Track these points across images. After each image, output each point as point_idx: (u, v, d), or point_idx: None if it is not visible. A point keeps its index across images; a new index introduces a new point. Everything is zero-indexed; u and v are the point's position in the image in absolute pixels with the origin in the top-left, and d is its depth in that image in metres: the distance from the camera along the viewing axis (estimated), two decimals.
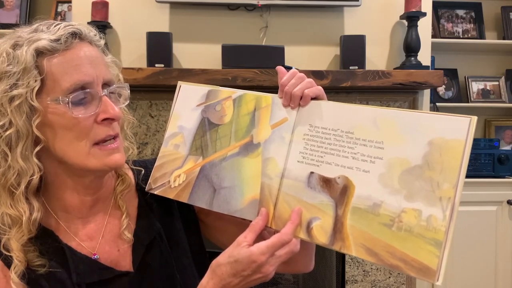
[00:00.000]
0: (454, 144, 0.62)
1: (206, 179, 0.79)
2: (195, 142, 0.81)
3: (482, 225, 2.27)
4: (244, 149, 0.78)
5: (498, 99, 2.70)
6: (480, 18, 2.72)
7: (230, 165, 0.78)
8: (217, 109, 0.81)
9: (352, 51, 2.06)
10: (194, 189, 0.79)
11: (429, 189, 0.62)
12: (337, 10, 2.18)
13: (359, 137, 0.69)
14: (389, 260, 0.63)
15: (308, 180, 0.71)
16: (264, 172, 0.75)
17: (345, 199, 0.68)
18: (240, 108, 0.80)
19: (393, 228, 0.63)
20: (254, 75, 1.94)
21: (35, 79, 0.66)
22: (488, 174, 2.33)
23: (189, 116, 0.83)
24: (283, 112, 0.77)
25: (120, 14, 2.10)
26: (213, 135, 0.80)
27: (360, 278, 2.18)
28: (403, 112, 0.67)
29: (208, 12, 2.14)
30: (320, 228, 0.69)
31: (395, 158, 0.65)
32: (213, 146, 0.80)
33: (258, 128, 0.77)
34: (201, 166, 0.80)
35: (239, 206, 0.76)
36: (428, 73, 2.02)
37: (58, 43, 0.68)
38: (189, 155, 0.81)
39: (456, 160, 0.62)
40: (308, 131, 0.73)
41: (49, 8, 2.52)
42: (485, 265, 2.27)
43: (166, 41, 2.01)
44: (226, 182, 0.77)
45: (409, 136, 0.65)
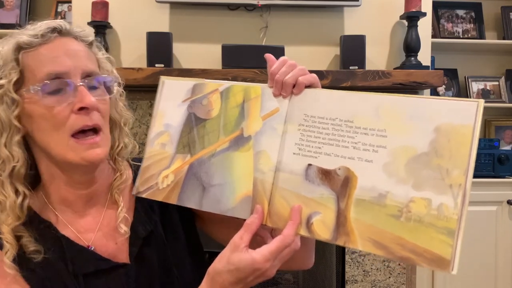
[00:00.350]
0: (462, 129, 0.60)
1: (195, 178, 0.75)
2: (182, 139, 0.77)
3: (482, 225, 2.27)
4: (234, 143, 0.74)
5: (498, 99, 2.70)
6: (480, 18, 2.72)
7: (219, 161, 0.74)
8: (203, 103, 0.77)
9: (352, 51, 2.06)
10: (183, 189, 0.75)
11: (438, 177, 0.60)
12: (337, 10, 2.18)
13: (360, 126, 0.66)
14: (399, 252, 0.60)
15: (305, 173, 0.68)
16: (256, 166, 0.71)
17: (347, 191, 0.65)
18: (228, 101, 0.76)
19: (402, 219, 0.61)
20: (254, 75, 1.94)
21: (14, 71, 0.70)
22: (488, 174, 2.33)
23: (174, 113, 0.79)
24: (274, 102, 0.73)
25: (120, 14, 2.10)
26: (201, 130, 0.76)
27: (360, 278, 2.18)
28: (406, 98, 0.65)
29: (208, 12, 2.14)
30: (321, 223, 0.66)
31: (399, 146, 0.63)
32: (201, 142, 0.76)
33: (248, 120, 0.74)
34: (189, 164, 0.76)
35: (230, 205, 0.72)
36: (428, 73, 2.02)
37: (36, 37, 0.72)
38: (177, 153, 0.77)
39: (466, 146, 0.59)
40: (304, 121, 0.70)
41: (49, 8, 2.52)
42: (485, 265, 2.27)
43: (166, 41, 2.01)
44: (216, 180, 0.73)
45: (413, 123, 0.63)
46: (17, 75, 0.71)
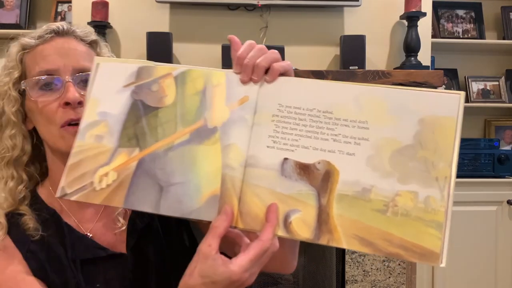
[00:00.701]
0: (446, 122, 0.59)
1: (148, 176, 0.64)
2: (126, 130, 0.67)
3: (482, 225, 2.27)
4: (196, 136, 0.65)
5: (498, 99, 2.70)
6: (480, 18, 2.72)
7: (179, 155, 0.65)
8: (153, 89, 0.68)
9: (352, 51, 2.06)
10: (131, 189, 0.64)
11: (424, 170, 0.59)
12: (337, 10, 2.18)
13: (339, 117, 0.62)
14: (387, 248, 0.58)
15: (281, 167, 0.62)
16: (225, 161, 0.63)
17: (329, 186, 0.61)
18: (185, 87, 0.67)
19: (388, 213, 0.58)
20: None
21: (15, 70, 0.78)
22: (488, 174, 2.33)
23: (113, 100, 0.68)
24: (242, 89, 0.66)
25: (120, 14, 2.10)
26: (152, 120, 0.67)
27: (360, 278, 2.18)
28: (388, 89, 0.62)
29: (208, 12, 2.14)
30: (301, 222, 0.60)
31: (383, 138, 0.60)
32: (153, 134, 0.66)
33: (212, 110, 0.66)
34: (139, 160, 0.65)
35: (195, 205, 0.63)
36: (428, 73, 2.03)
37: (35, 39, 0.78)
38: (119, 147, 0.66)
39: (450, 138, 0.59)
40: (278, 111, 0.64)
41: (49, 8, 2.52)
42: (485, 265, 2.27)
43: (166, 41, 2.01)
44: (177, 177, 0.64)
45: (396, 114, 0.61)
46: (18, 74, 0.77)
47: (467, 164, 2.33)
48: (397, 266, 2.19)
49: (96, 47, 0.83)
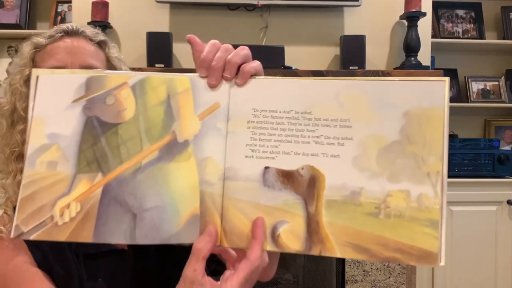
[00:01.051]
0: (433, 113, 0.55)
1: (117, 203, 0.57)
2: (83, 153, 0.59)
3: (482, 225, 2.27)
4: (166, 152, 0.58)
5: (498, 99, 2.70)
6: (480, 18, 2.72)
7: (150, 176, 0.58)
8: (108, 102, 0.60)
9: (352, 51, 2.06)
10: (100, 220, 0.57)
11: (414, 166, 0.55)
12: (337, 10, 2.18)
13: (319, 117, 0.58)
14: (383, 253, 0.55)
15: (263, 177, 0.58)
16: (201, 177, 0.58)
17: (315, 192, 0.57)
18: (146, 97, 0.60)
19: (381, 216, 0.55)
20: None
21: (26, 68, 0.81)
22: (488, 174, 2.33)
23: (62, 119, 0.59)
24: (211, 95, 0.59)
25: (120, 14, 2.10)
26: (113, 139, 0.59)
27: (360, 278, 2.18)
28: (368, 82, 0.58)
29: (208, 12, 2.14)
30: (289, 234, 0.57)
31: (368, 136, 0.56)
32: (116, 155, 0.58)
33: (181, 121, 0.59)
34: (103, 186, 0.58)
35: (174, 229, 0.58)
36: (428, 73, 2.03)
37: (45, 38, 0.82)
38: (78, 173, 0.58)
39: (439, 130, 0.55)
40: (253, 117, 0.59)
41: (49, 8, 2.51)
42: (485, 265, 2.27)
43: (166, 41, 2.01)
44: (150, 201, 0.58)
45: (379, 109, 0.57)
46: (29, 71, 0.80)
47: (467, 164, 2.33)
48: (397, 266, 2.19)
49: (105, 47, 0.86)
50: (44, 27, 2.51)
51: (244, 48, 0.62)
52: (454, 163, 2.31)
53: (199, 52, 0.61)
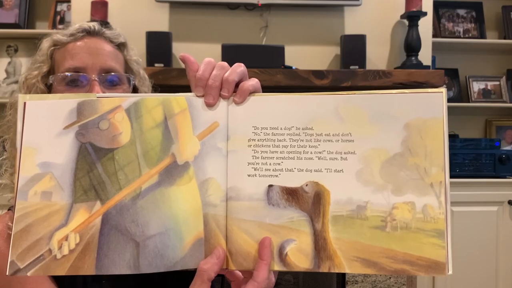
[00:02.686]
0: (432, 124, 0.56)
1: (118, 232, 0.56)
2: (79, 181, 0.57)
3: (483, 225, 2.26)
4: (166, 176, 0.57)
5: (499, 99, 2.69)
6: (481, 18, 2.71)
7: (151, 202, 0.57)
8: (102, 127, 0.58)
9: (352, 50, 2.05)
10: (101, 251, 0.55)
11: (417, 177, 0.56)
12: (337, 10, 2.18)
13: (321, 133, 0.57)
14: (391, 266, 0.55)
15: (267, 196, 0.57)
16: (204, 200, 0.57)
17: (321, 208, 0.57)
18: (141, 120, 0.58)
19: (387, 229, 0.56)
20: (254, 75, 1.93)
21: (45, 65, 0.81)
22: (489, 174, 2.33)
23: (54, 146, 0.57)
24: (209, 115, 0.58)
25: (120, 14, 2.10)
26: (109, 165, 0.57)
27: (361, 278, 2.17)
28: (367, 96, 0.58)
29: (208, 12, 2.13)
30: (297, 252, 0.56)
31: (370, 150, 0.57)
32: (114, 182, 0.57)
33: (179, 142, 0.58)
34: (103, 215, 0.56)
35: (179, 255, 0.57)
36: (429, 73, 2.02)
37: (66, 36, 0.81)
38: (75, 203, 0.56)
39: (439, 141, 0.56)
40: (254, 135, 0.58)
41: (48, 8, 2.51)
42: (486, 265, 2.27)
43: (165, 40, 2.00)
44: (153, 228, 0.56)
45: (380, 122, 0.57)
46: (47, 68, 0.81)
47: (468, 164, 2.32)
48: None
49: (124, 49, 0.86)
50: (43, 26, 2.51)
51: (240, 65, 0.61)
52: (455, 163, 2.31)
53: (194, 71, 0.60)
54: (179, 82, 1.91)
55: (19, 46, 2.46)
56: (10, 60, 2.46)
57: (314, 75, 1.95)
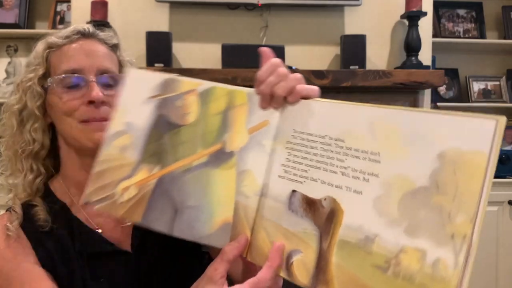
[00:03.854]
0: (473, 158, 0.46)
1: (166, 196, 0.64)
2: (149, 146, 0.66)
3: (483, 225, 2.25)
4: (214, 159, 0.63)
5: (499, 99, 2.69)
6: (481, 18, 2.71)
7: (196, 178, 0.63)
8: (177, 104, 0.66)
9: (352, 50, 2.05)
10: (150, 207, 0.64)
11: (438, 222, 0.47)
12: (337, 10, 2.17)
13: (351, 147, 0.54)
14: None
15: (289, 200, 0.57)
16: (239, 188, 0.61)
17: (332, 228, 0.54)
18: (208, 106, 0.64)
19: (389, 272, 0.49)
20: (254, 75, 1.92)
21: (40, 67, 0.80)
22: None
23: (139, 111, 0.67)
24: (263, 112, 0.62)
25: (120, 14, 2.10)
26: (174, 138, 0.65)
27: None
28: (407, 113, 0.51)
29: (208, 12, 2.13)
30: (301, 265, 0.55)
31: (395, 175, 0.50)
32: (173, 153, 0.64)
33: (232, 132, 0.63)
34: (158, 178, 0.64)
35: (206, 231, 0.62)
36: (429, 73, 2.02)
37: (61, 38, 0.81)
38: (142, 162, 0.65)
39: (476, 182, 0.45)
40: (292, 137, 0.59)
41: (48, 8, 2.51)
42: (486, 265, 2.27)
43: (165, 40, 2.00)
44: (191, 201, 0.63)
45: (413, 145, 0.49)
46: (43, 70, 0.80)
47: None
48: None
49: (117, 50, 0.87)
50: (43, 26, 2.51)
51: (297, 76, 0.62)
52: None
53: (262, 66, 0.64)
54: None
55: (19, 46, 2.46)
56: (10, 60, 2.46)
57: (314, 75, 1.95)
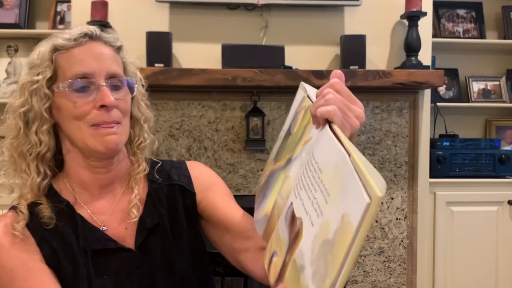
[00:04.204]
0: (347, 229, 0.45)
1: (266, 185, 0.80)
2: (280, 147, 0.81)
3: (483, 225, 2.26)
4: (286, 163, 0.75)
5: (499, 99, 2.69)
6: (481, 18, 2.71)
7: (276, 176, 0.77)
8: (297, 117, 0.78)
9: (352, 50, 2.05)
10: (261, 192, 0.82)
11: (322, 277, 0.48)
12: (337, 10, 2.18)
13: (322, 180, 0.55)
14: None
15: (286, 210, 0.63)
16: (280, 190, 0.72)
17: (294, 246, 0.57)
18: (304, 120, 0.74)
19: None
20: (254, 75, 1.93)
21: (48, 69, 0.80)
22: (489, 174, 2.33)
23: (289, 120, 0.81)
24: (313, 130, 0.67)
25: (120, 14, 2.10)
26: (285, 143, 0.79)
27: (361, 278, 2.17)
28: (350, 164, 0.49)
29: (208, 12, 2.13)
30: (274, 266, 0.63)
31: (326, 221, 0.50)
32: (281, 155, 0.78)
33: (299, 144, 0.72)
34: (271, 172, 0.80)
35: (258, 216, 0.78)
36: (429, 73, 2.02)
37: (69, 41, 0.81)
38: (273, 159, 0.82)
39: (341, 252, 0.45)
40: (309, 156, 0.63)
41: (49, 8, 2.51)
42: (485, 265, 2.27)
43: (165, 40, 2.00)
44: (268, 192, 0.78)
45: (341, 198, 0.49)
46: (51, 73, 0.81)
47: (468, 164, 2.32)
48: (398, 266, 2.18)
49: (119, 52, 0.88)
50: (43, 26, 2.51)
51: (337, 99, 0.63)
52: (454, 163, 2.31)
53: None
54: (179, 82, 1.91)
55: (19, 46, 2.46)
56: (10, 60, 2.46)
57: (314, 75, 1.95)
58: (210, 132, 2.10)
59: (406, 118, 2.17)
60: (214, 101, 2.10)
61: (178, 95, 2.07)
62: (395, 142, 2.17)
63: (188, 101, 2.08)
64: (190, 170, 0.96)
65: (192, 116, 2.09)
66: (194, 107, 2.09)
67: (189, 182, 0.94)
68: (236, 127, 2.10)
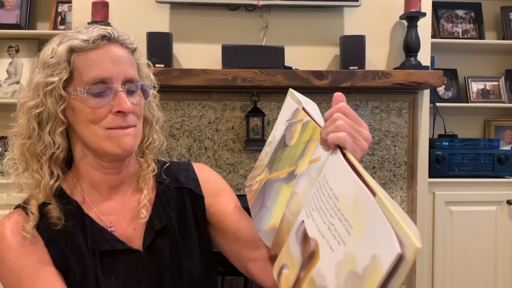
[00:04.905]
0: (376, 271, 0.48)
1: (262, 194, 0.82)
2: (273, 155, 0.84)
3: (482, 225, 2.27)
4: (288, 176, 0.77)
5: (497, 99, 2.70)
6: (480, 18, 2.72)
7: (276, 187, 0.79)
8: (292, 129, 0.80)
9: (352, 51, 2.06)
10: (255, 199, 0.84)
11: None
12: (337, 10, 2.18)
13: (340, 209, 0.58)
14: None
15: (298, 227, 0.67)
16: (288, 205, 0.75)
17: (309, 265, 0.61)
18: (303, 135, 0.77)
19: None
20: (254, 75, 1.94)
21: (64, 71, 0.79)
22: (488, 174, 2.33)
23: (279, 129, 0.84)
24: (321, 150, 0.70)
25: (120, 14, 2.10)
26: (281, 154, 0.81)
27: None
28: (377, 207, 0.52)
29: (208, 12, 2.14)
30: (286, 278, 0.66)
31: (351, 252, 0.54)
32: (277, 165, 0.81)
33: (303, 159, 0.74)
34: (266, 180, 0.83)
35: (263, 227, 0.80)
36: (428, 73, 2.03)
37: (87, 43, 0.80)
38: (266, 166, 0.84)
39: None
40: (321, 178, 0.65)
41: (49, 8, 2.52)
42: (484, 264, 2.27)
43: (166, 41, 2.01)
44: (268, 202, 0.80)
45: (369, 237, 0.52)
46: (67, 75, 0.79)
47: (467, 164, 2.33)
48: None
49: (134, 53, 0.88)
50: (44, 27, 2.52)
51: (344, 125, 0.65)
52: (454, 163, 2.31)
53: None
54: (179, 83, 1.91)
55: (20, 46, 2.46)
56: (11, 60, 2.46)
57: (314, 75, 1.96)
58: (210, 132, 2.10)
59: (405, 118, 2.18)
60: (214, 101, 2.10)
61: (178, 96, 2.07)
62: (395, 142, 2.18)
63: (188, 101, 2.09)
64: (197, 173, 0.96)
65: (192, 116, 2.10)
66: (194, 107, 2.10)
67: (197, 185, 0.94)
68: (236, 127, 2.11)
